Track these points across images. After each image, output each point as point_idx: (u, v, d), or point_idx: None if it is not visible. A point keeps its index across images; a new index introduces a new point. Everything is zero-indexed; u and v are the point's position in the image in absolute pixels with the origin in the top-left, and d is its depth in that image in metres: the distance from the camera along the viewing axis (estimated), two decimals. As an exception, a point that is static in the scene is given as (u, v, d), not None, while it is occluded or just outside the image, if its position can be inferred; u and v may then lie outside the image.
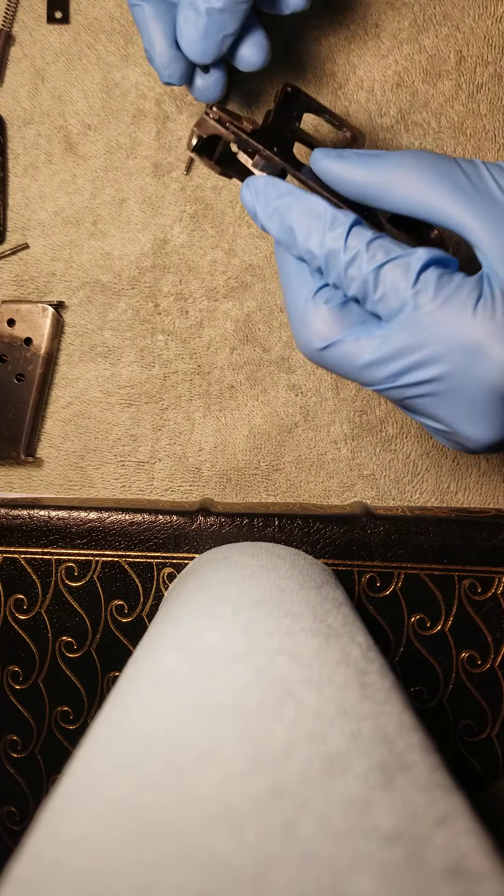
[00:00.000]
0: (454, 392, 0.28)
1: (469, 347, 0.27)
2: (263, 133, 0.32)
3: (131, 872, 0.14)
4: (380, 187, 0.29)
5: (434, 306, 0.27)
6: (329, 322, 0.30)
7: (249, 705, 0.20)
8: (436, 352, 0.27)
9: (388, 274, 0.28)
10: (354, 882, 0.14)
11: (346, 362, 0.30)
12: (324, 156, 0.31)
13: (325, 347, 0.30)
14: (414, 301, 0.27)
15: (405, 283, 0.27)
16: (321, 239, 0.29)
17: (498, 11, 0.41)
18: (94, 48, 0.42)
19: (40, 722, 0.39)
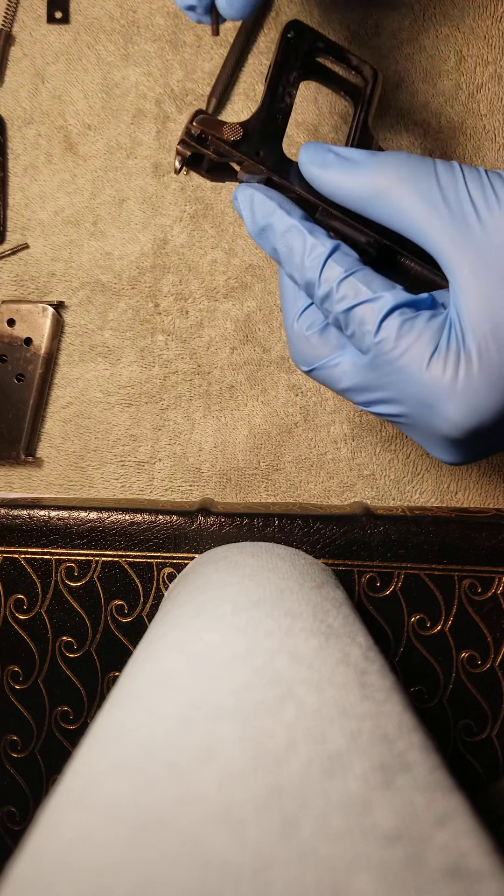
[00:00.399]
0: (416, 427, 0.30)
1: (422, 399, 0.28)
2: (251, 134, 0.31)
3: (131, 872, 0.14)
4: (361, 201, 0.29)
5: (394, 355, 0.27)
6: (312, 346, 0.31)
7: (249, 705, 0.20)
8: (396, 395, 0.28)
9: (356, 316, 0.28)
10: (354, 882, 0.14)
11: (329, 384, 0.31)
12: (308, 161, 0.30)
13: (309, 371, 0.31)
14: (376, 349, 0.28)
15: (370, 327, 0.28)
16: (301, 267, 0.29)
17: (498, 11, 0.41)
18: (94, 48, 0.42)
19: (40, 722, 0.39)
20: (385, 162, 0.29)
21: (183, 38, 0.42)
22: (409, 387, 0.28)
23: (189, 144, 0.31)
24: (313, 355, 0.31)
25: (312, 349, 0.31)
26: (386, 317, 0.27)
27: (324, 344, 0.30)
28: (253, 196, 0.31)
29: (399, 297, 0.28)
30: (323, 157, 0.30)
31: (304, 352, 0.31)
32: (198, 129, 0.31)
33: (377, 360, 0.28)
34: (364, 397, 0.30)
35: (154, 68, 0.42)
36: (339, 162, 0.29)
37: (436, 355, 0.27)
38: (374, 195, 0.29)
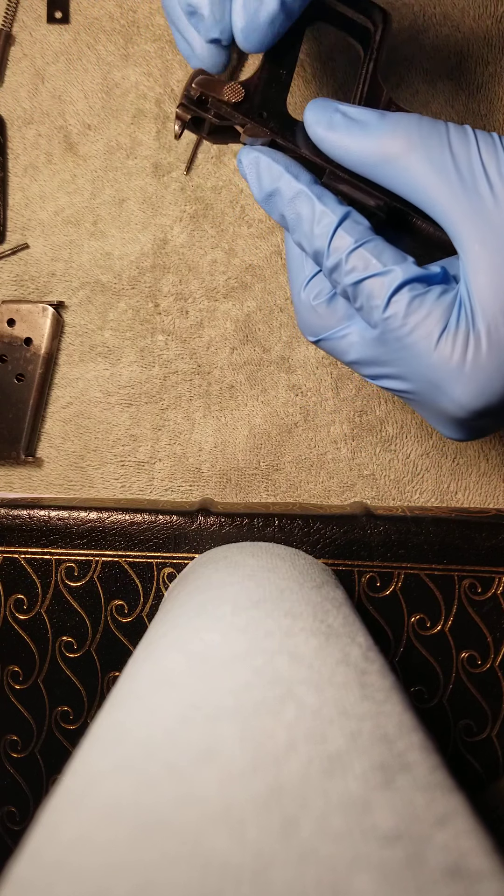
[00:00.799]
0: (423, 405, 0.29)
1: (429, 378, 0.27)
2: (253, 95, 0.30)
3: (131, 872, 0.14)
4: (369, 166, 0.28)
5: (402, 332, 0.27)
6: (319, 316, 0.30)
7: (249, 705, 0.20)
8: (403, 372, 0.28)
9: (365, 290, 0.27)
10: (354, 882, 0.14)
11: (336, 354, 0.31)
12: (315, 122, 0.28)
13: (317, 341, 0.31)
14: (384, 325, 0.27)
15: (378, 303, 0.27)
16: (310, 235, 0.28)
17: (498, 11, 0.41)
18: (94, 48, 0.42)
19: (40, 722, 0.39)
20: (395, 125, 0.27)
21: (183, 38, 0.42)
22: (416, 365, 0.27)
23: (189, 108, 0.30)
24: (320, 325, 0.30)
25: (319, 319, 0.30)
26: (395, 292, 0.27)
27: (331, 314, 0.30)
28: (258, 160, 0.29)
29: (409, 272, 0.27)
30: (330, 117, 0.28)
31: (311, 322, 0.30)
32: (197, 91, 0.29)
33: (385, 336, 0.27)
34: (371, 371, 0.29)
35: (154, 68, 0.42)
36: (346, 123, 0.28)
37: (444, 335, 0.26)
38: (382, 161, 0.27)
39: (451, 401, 0.27)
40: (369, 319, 0.28)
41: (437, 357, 0.26)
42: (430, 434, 0.43)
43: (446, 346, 0.26)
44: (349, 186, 0.30)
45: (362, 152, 0.28)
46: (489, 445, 0.43)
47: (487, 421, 0.28)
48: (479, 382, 0.26)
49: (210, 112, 0.30)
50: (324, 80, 0.42)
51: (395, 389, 0.29)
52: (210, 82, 0.29)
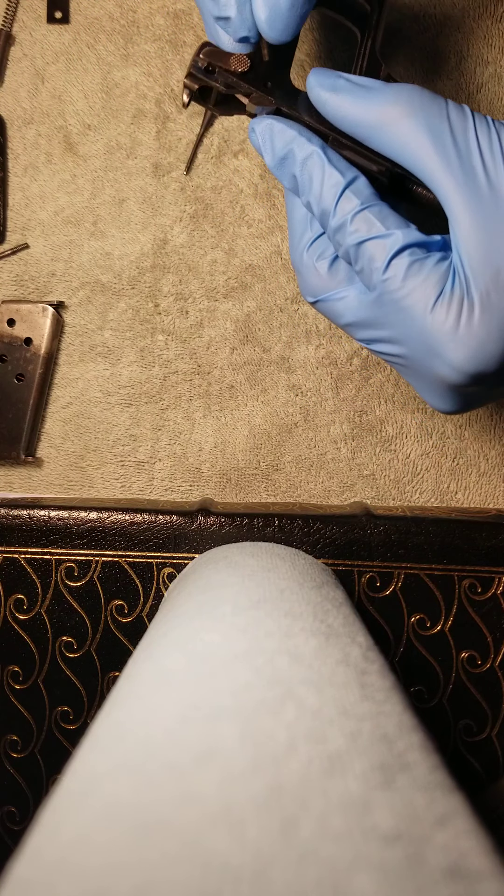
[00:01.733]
0: (415, 370, 0.30)
1: (424, 342, 0.28)
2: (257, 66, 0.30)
3: (131, 872, 0.14)
4: (369, 128, 0.28)
5: (400, 295, 0.27)
6: (320, 277, 0.31)
7: (249, 705, 0.20)
8: (398, 335, 0.28)
9: (367, 251, 0.28)
10: (354, 882, 0.14)
11: (333, 317, 0.31)
12: (317, 84, 0.29)
13: (314, 302, 0.31)
14: (383, 287, 0.28)
15: (378, 265, 0.28)
16: (318, 195, 0.29)
17: (498, 11, 0.41)
18: (94, 48, 0.42)
19: (40, 722, 0.39)
20: (398, 92, 0.28)
21: (183, 38, 0.42)
22: (411, 328, 0.28)
23: (196, 78, 0.30)
24: (320, 286, 0.31)
25: (320, 280, 0.31)
26: (395, 255, 0.27)
27: (332, 276, 0.30)
28: (272, 125, 0.30)
29: (410, 237, 0.27)
30: (333, 81, 0.29)
31: (312, 282, 0.31)
32: (205, 61, 0.30)
33: (383, 298, 0.28)
34: (366, 334, 0.30)
35: (154, 68, 0.42)
36: (350, 87, 0.29)
37: (440, 300, 0.27)
38: (383, 124, 0.28)
39: (444, 364, 0.28)
40: (368, 282, 0.28)
41: (433, 321, 0.27)
42: (429, 434, 0.43)
43: (441, 311, 0.27)
44: (352, 153, 0.30)
45: (364, 116, 0.28)
46: (489, 445, 0.43)
47: (479, 389, 0.29)
48: (472, 346, 0.27)
49: (217, 81, 0.30)
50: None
51: (389, 353, 0.30)
52: (217, 53, 0.30)
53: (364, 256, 0.28)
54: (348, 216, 0.28)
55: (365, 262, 0.28)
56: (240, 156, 0.42)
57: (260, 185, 0.42)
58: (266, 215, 0.42)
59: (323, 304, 0.31)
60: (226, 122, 0.42)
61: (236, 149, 0.42)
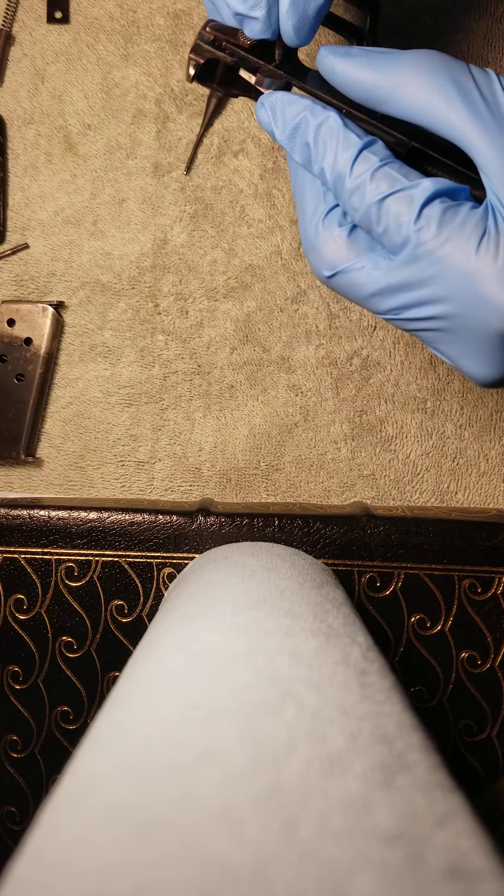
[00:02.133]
0: (456, 330, 0.28)
1: (470, 289, 0.26)
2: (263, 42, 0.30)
3: (131, 872, 0.14)
4: (388, 89, 0.27)
5: (437, 244, 0.26)
6: (337, 248, 0.29)
7: (249, 705, 0.20)
8: (438, 291, 0.27)
9: (392, 207, 0.26)
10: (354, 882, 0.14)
11: (352, 290, 0.29)
12: (329, 53, 0.28)
13: (333, 275, 0.29)
14: (416, 237, 0.26)
15: (408, 217, 0.26)
16: (333, 159, 0.28)
17: (498, 11, 0.41)
18: (94, 48, 0.42)
19: (40, 722, 0.39)
20: (416, 53, 0.27)
21: (183, 38, 0.42)
22: (454, 279, 0.26)
23: (203, 50, 0.29)
24: (339, 257, 0.29)
25: (338, 251, 0.29)
26: (426, 204, 0.26)
27: (351, 245, 0.29)
28: (284, 96, 0.29)
29: (439, 185, 0.26)
30: (346, 49, 0.28)
31: (329, 255, 0.29)
32: (211, 34, 0.29)
33: (417, 252, 0.26)
34: (396, 301, 0.28)
35: (154, 68, 0.42)
36: (364, 52, 0.28)
37: (484, 241, 0.25)
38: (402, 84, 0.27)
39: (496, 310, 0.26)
40: (395, 240, 0.27)
41: (479, 264, 0.25)
42: (429, 434, 0.43)
43: (487, 252, 0.25)
44: (366, 125, 0.30)
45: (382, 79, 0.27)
46: (489, 445, 0.43)
47: None
48: None
49: (225, 52, 0.30)
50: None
51: (425, 317, 0.28)
52: (223, 27, 0.29)
53: (389, 213, 0.26)
54: (367, 174, 0.27)
55: (390, 220, 0.26)
56: (240, 156, 0.42)
57: (260, 185, 0.42)
58: (266, 215, 0.42)
59: (343, 277, 0.29)
60: (226, 121, 0.42)
61: (236, 149, 0.42)
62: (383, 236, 0.27)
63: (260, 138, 0.42)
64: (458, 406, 0.42)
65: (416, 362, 0.42)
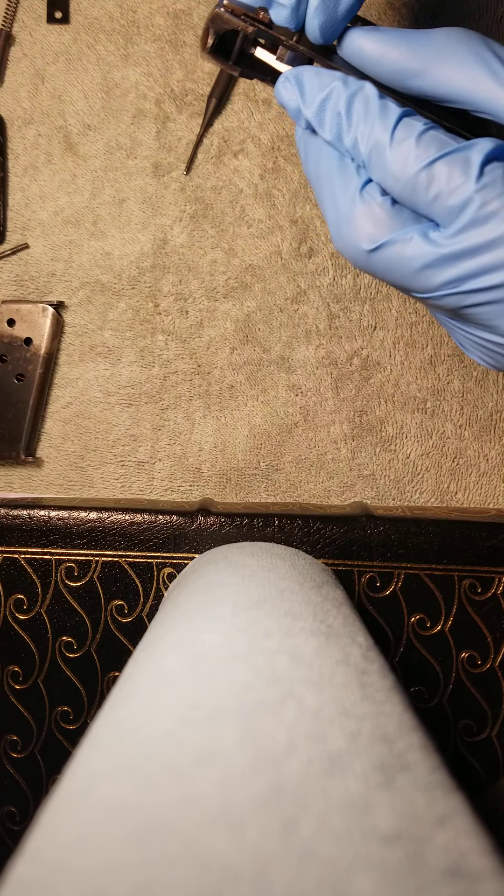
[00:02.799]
0: None
1: None
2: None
3: (131, 872, 0.14)
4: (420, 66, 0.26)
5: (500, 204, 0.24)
6: (379, 221, 0.26)
7: (249, 705, 0.20)
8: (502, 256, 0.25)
9: (443, 170, 0.25)
10: (354, 882, 0.14)
11: (398, 265, 0.26)
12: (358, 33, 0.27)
13: (375, 249, 0.27)
14: (480, 198, 0.24)
15: (465, 179, 0.24)
16: (370, 129, 0.26)
17: (498, 11, 0.41)
18: (94, 48, 0.42)
19: (40, 722, 0.39)
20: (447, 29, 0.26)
21: (183, 38, 0.42)
22: None
23: (223, 18, 0.28)
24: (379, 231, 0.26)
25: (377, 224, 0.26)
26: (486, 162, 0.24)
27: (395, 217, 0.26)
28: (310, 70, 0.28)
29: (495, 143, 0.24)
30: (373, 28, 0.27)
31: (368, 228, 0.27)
32: (230, 6, 0.28)
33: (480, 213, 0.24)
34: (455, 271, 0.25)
35: (154, 68, 0.42)
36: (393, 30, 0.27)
37: None
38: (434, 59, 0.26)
39: None
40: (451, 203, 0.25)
41: None
42: (429, 434, 0.43)
43: None
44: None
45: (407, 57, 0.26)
46: (489, 445, 0.43)
47: None
48: None
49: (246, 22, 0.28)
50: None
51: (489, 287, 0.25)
52: (243, 3, 0.28)
53: (440, 177, 0.25)
54: (411, 139, 0.25)
55: (443, 184, 0.25)
56: (240, 156, 0.42)
57: (260, 185, 0.42)
58: (266, 215, 0.42)
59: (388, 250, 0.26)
60: (226, 121, 0.42)
61: (236, 149, 0.42)
62: (433, 203, 0.25)
63: (260, 138, 0.42)
64: (458, 406, 0.42)
65: (416, 362, 0.42)
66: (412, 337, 0.42)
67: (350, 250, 0.27)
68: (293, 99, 0.28)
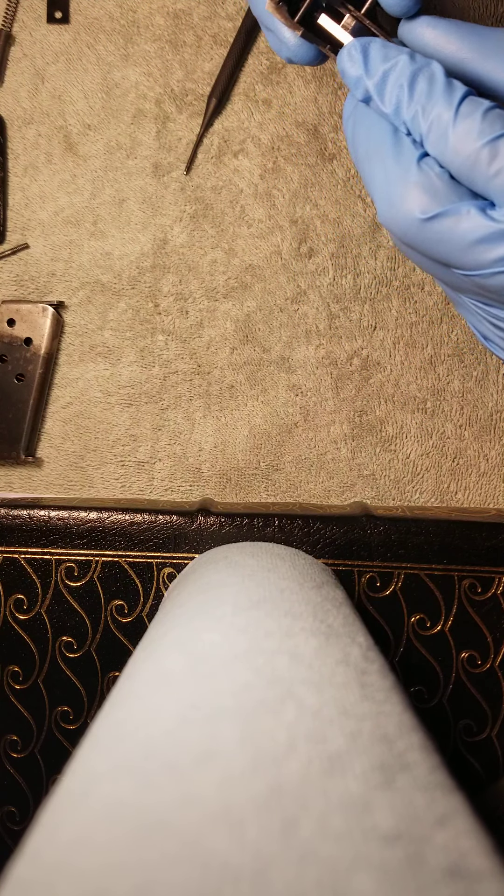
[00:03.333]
0: None
1: None
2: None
3: (131, 872, 0.14)
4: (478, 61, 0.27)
5: None
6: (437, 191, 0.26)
7: (249, 705, 0.20)
8: None
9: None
10: (354, 882, 0.14)
11: (452, 237, 0.26)
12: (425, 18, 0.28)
13: (430, 218, 0.26)
14: None
15: None
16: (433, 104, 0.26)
17: (498, 11, 0.41)
18: (94, 48, 0.42)
19: (40, 722, 0.39)
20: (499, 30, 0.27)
21: (183, 38, 0.42)
22: None
23: None
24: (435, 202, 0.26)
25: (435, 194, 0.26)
26: None
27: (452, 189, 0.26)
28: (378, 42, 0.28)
29: None
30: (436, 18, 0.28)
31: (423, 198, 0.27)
32: None
33: None
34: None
35: (154, 68, 0.42)
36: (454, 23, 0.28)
37: None
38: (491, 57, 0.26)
39: None
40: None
41: None
42: (429, 434, 0.43)
43: None
44: None
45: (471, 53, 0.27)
46: (489, 445, 0.43)
47: None
48: None
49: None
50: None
51: None
52: None
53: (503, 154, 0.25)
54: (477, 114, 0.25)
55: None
56: (240, 156, 0.42)
57: (260, 185, 0.42)
58: (266, 215, 0.42)
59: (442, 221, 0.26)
60: (226, 121, 0.42)
61: (236, 149, 0.42)
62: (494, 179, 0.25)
63: (260, 138, 0.42)
64: (458, 406, 0.42)
65: (416, 362, 0.43)
66: (412, 337, 0.42)
67: (401, 220, 0.27)
68: (356, 68, 0.28)
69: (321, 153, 0.42)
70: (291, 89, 0.42)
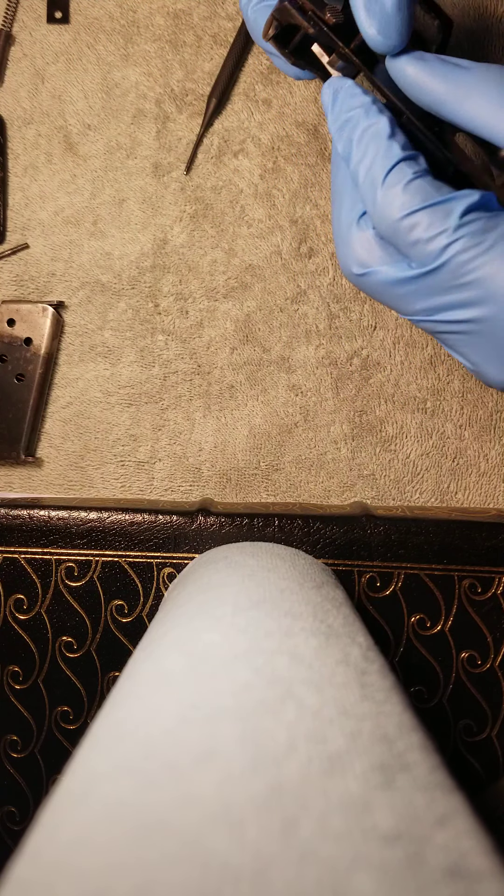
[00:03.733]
0: (487, 334, 0.28)
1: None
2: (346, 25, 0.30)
3: (131, 872, 0.14)
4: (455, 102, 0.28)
5: (477, 252, 0.26)
6: (370, 249, 0.29)
7: (249, 705, 0.20)
8: (475, 296, 0.27)
9: (424, 219, 0.27)
10: (354, 882, 0.14)
11: (382, 290, 0.29)
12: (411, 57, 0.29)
13: (363, 274, 0.29)
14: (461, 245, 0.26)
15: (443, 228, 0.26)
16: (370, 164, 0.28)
17: (498, 11, 0.41)
18: (94, 48, 0.42)
19: (40, 722, 0.39)
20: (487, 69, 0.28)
21: (183, 38, 0.42)
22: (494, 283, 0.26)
23: (288, 12, 0.29)
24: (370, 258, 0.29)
25: (369, 252, 0.29)
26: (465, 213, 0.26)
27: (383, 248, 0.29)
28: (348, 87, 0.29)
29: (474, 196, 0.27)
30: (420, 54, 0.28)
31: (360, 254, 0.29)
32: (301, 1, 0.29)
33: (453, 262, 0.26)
34: (427, 303, 0.28)
35: (154, 68, 0.42)
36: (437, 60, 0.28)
37: None
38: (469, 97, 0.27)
39: None
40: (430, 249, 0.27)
41: None
42: (429, 434, 0.43)
43: None
44: (423, 137, 0.30)
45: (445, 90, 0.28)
46: (489, 445, 0.43)
47: None
48: None
49: (308, 22, 0.29)
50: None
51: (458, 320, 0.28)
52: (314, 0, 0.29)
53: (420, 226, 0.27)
54: (399, 186, 0.27)
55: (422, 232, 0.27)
56: (240, 156, 0.42)
57: (260, 185, 0.42)
58: (266, 215, 0.42)
59: (374, 277, 0.29)
60: (226, 121, 0.42)
61: (236, 149, 0.42)
62: (412, 248, 0.27)
63: (260, 138, 0.42)
64: (458, 406, 0.42)
65: (416, 362, 0.43)
66: (412, 337, 0.42)
67: (344, 269, 0.31)
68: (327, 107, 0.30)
69: (321, 153, 0.42)
70: (291, 89, 0.42)
